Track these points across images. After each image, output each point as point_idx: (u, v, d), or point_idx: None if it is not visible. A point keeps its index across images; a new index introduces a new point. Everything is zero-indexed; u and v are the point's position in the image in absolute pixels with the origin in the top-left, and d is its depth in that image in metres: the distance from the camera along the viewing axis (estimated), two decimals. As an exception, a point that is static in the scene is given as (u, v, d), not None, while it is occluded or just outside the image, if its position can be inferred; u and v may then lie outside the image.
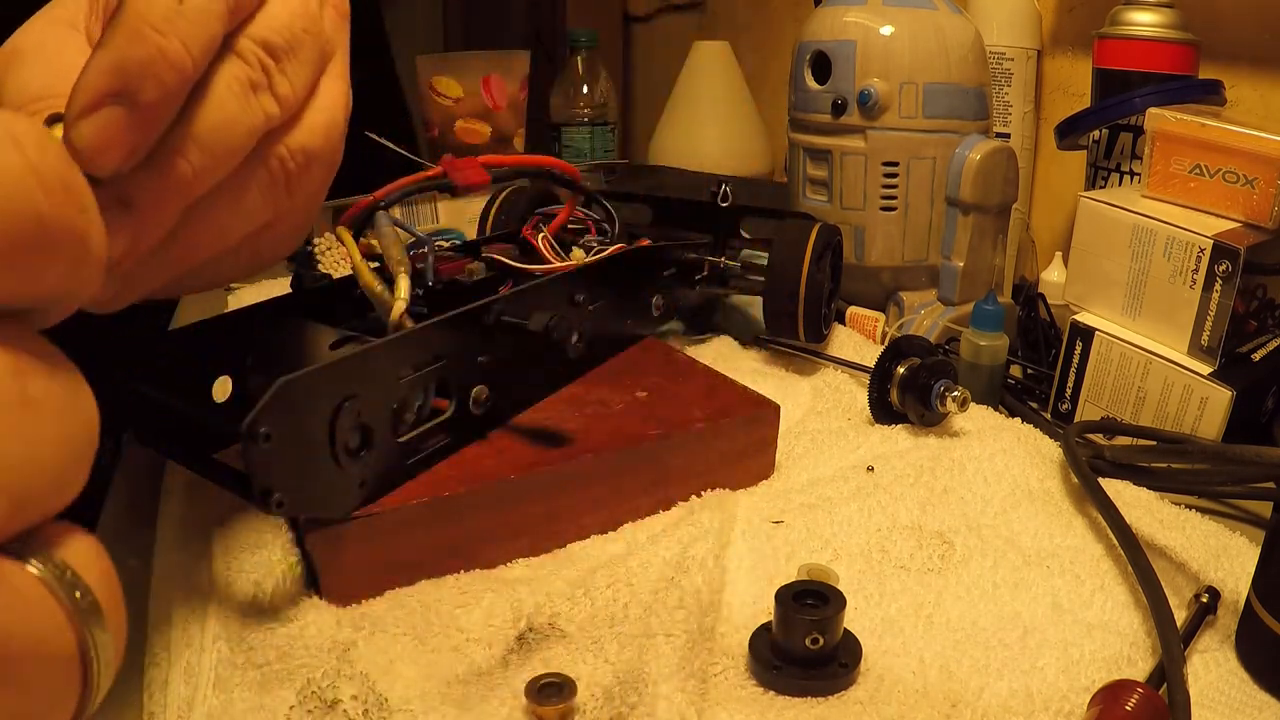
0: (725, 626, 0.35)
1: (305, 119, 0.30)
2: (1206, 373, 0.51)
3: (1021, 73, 0.83)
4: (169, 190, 0.26)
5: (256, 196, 0.30)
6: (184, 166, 0.26)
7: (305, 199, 0.32)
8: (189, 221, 0.27)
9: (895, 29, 0.63)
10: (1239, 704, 0.33)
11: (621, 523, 0.43)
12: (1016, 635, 0.36)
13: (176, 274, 0.29)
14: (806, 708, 0.32)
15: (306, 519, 0.35)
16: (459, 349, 0.40)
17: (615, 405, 0.46)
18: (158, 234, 0.26)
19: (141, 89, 0.23)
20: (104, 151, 0.23)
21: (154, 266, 0.28)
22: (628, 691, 0.32)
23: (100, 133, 0.23)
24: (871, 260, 0.68)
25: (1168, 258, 0.52)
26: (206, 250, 0.29)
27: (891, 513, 0.44)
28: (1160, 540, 0.43)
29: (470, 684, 0.33)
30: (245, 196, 0.29)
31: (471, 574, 0.39)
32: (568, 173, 0.55)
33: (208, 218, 0.28)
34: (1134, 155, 0.68)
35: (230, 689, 0.32)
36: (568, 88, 1.18)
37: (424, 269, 0.48)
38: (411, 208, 0.82)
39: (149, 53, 0.23)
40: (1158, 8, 0.67)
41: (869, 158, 0.65)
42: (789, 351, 0.62)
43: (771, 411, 0.47)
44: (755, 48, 1.28)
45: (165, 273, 0.28)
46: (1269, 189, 0.49)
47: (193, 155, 0.26)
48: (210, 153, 0.26)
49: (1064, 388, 0.58)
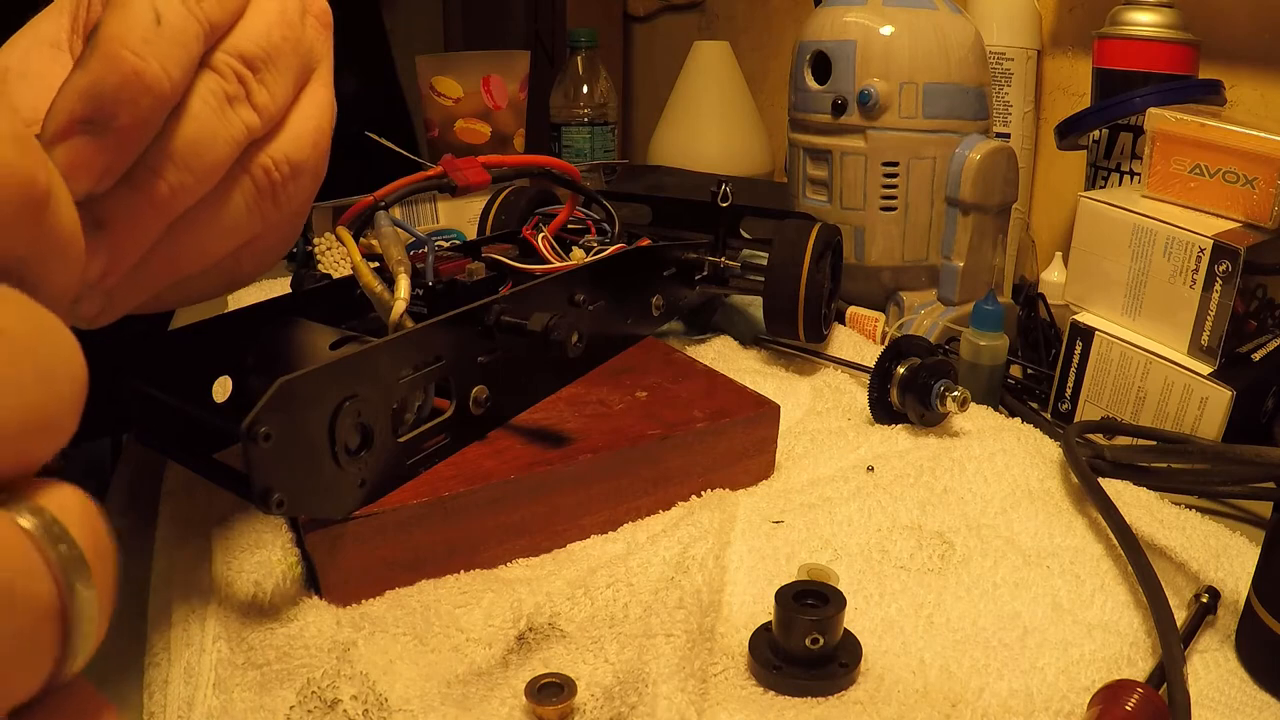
0: (725, 626, 0.35)
1: (289, 128, 0.30)
2: (1206, 373, 0.51)
3: (1021, 73, 0.83)
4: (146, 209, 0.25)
5: (242, 209, 0.29)
6: (161, 185, 0.25)
7: (292, 211, 0.32)
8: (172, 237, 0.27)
9: (895, 29, 0.63)
10: (1239, 704, 0.33)
11: (621, 523, 0.43)
12: (1016, 635, 0.36)
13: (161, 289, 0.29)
14: (806, 708, 0.32)
15: (306, 519, 0.35)
16: (459, 349, 0.40)
17: (615, 405, 0.46)
18: (137, 252, 0.26)
19: (116, 114, 0.23)
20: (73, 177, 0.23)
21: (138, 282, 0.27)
22: (628, 691, 0.32)
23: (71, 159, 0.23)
24: (871, 260, 0.68)
25: (1168, 258, 0.52)
26: (192, 265, 0.29)
27: (891, 513, 0.44)
28: (1160, 540, 0.43)
29: (470, 684, 0.33)
30: (230, 210, 0.29)
31: (471, 574, 0.39)
32: (568, 173, 0.55)
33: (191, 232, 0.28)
34: (1134, 155, 0.68)
35: (230, 689, 0.32)
36: (568, 88, 1.18)
37: (424, 269, 0.48)
38: (411, 208, 0.82)
39: (124, 77, 0.23)
40: (1158, 8, 0.67)
41: (869, 158, 0.65)
42: (789, 351, 0.62)
43: (771, 411, 0.47)
44: (755, 48, 1.28)
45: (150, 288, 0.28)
46: (1269, 189, 0.49)
47: (169, 173, 0.26)
48: (188, 169, 0.26)
49: (1064, 388, 0.58)
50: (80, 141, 0.23)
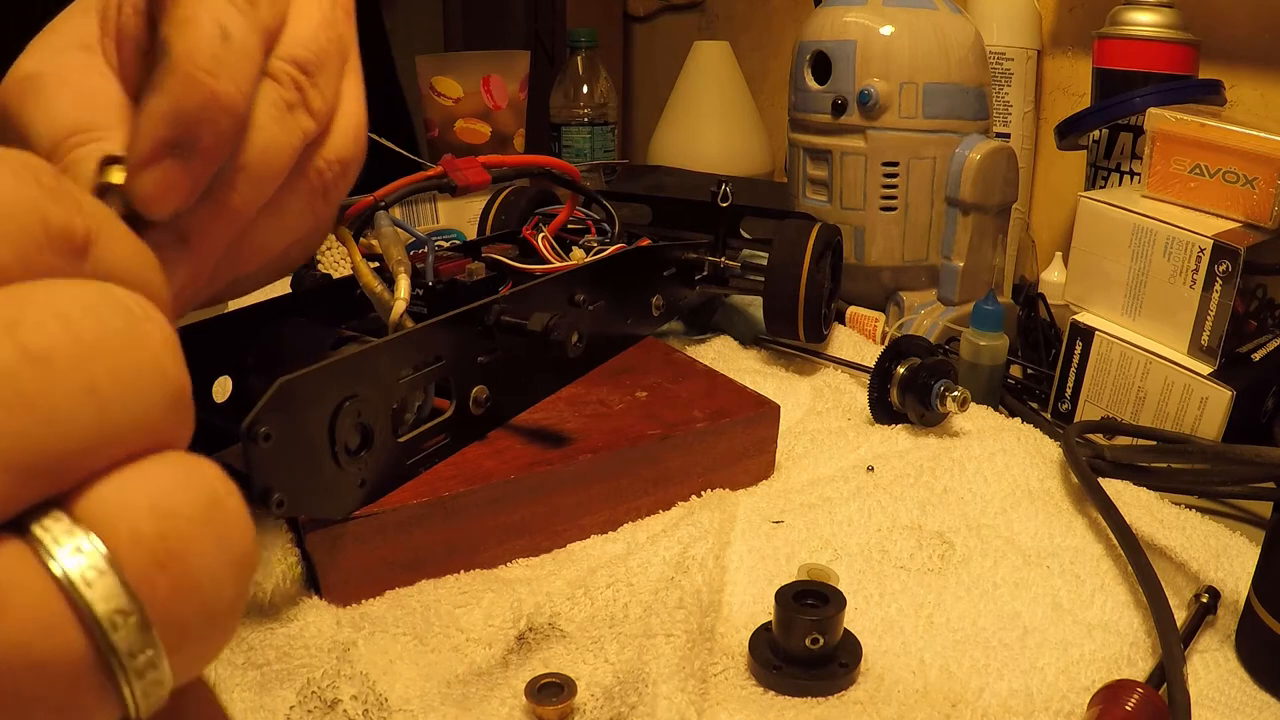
0: (725, 626, 0.35)
1: (336, 127, 0.30)
2: (1206, 373, 0.51)
3: (1021, 73, 0.83)
4: (223, 220, 0.26)
5: (298, 209, 0.30)
6: (235, 197, 0.26)
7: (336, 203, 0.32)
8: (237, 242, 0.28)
9: (895, 29, 0.63)
10: (1239, 704, 0.33)
11: (621, 523, 0.43)
12: (1016, 635, 0.36)
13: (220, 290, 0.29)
14: (806, 708, 0.32)
15: (306, 519, 0.35)
16: (459, 349, 0.40)
17: (615, 405, 0.46)
18: (212, 262, 0.27)
19: (200, 136, 0.24)
20: (165, 199, 0.23)
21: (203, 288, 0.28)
22: (628, 691, 0.32)
23: (162, 182, 0.23)
24: (871, 260, 0.68)
25: (1168, 258, 0.52)
26: (251, 265, 0.29)
27: (891, 513, 0.44)
28: (1160, 540, 0.43)
29: (470, 684, 0.33)
30: (288, 211, 0.29)
31: (471, 574, 0.39)
32: (568, 173, 0.55)
33: (253, 236, 0.28)
34: (1134, 155, 0.68)
35: (230, 689, 0.32)
36: (568, 88, 1.18)
37: (424, 269, 0.48)
38: (411, 208, 0.82)
39: (204, 98, 0.23)
40: (1158, 8, 0.67)
41: (869, 158, 0.65)
42: (789, 351, 0.62)
43: (771, 411, 0.47)
44: (755, 48, 1.28)
45: (213, 289, 0.29)
46: (1269, 189, 0.49)
47: (241, 185, 0.26)
48: (258, 180, 0.26)
49: (1064, 388, 0.58)
50: (168, 165, 0.23)
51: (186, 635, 0.13)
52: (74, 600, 0.12)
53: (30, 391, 0.12)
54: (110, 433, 0.13)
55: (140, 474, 0.13)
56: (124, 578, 0.12)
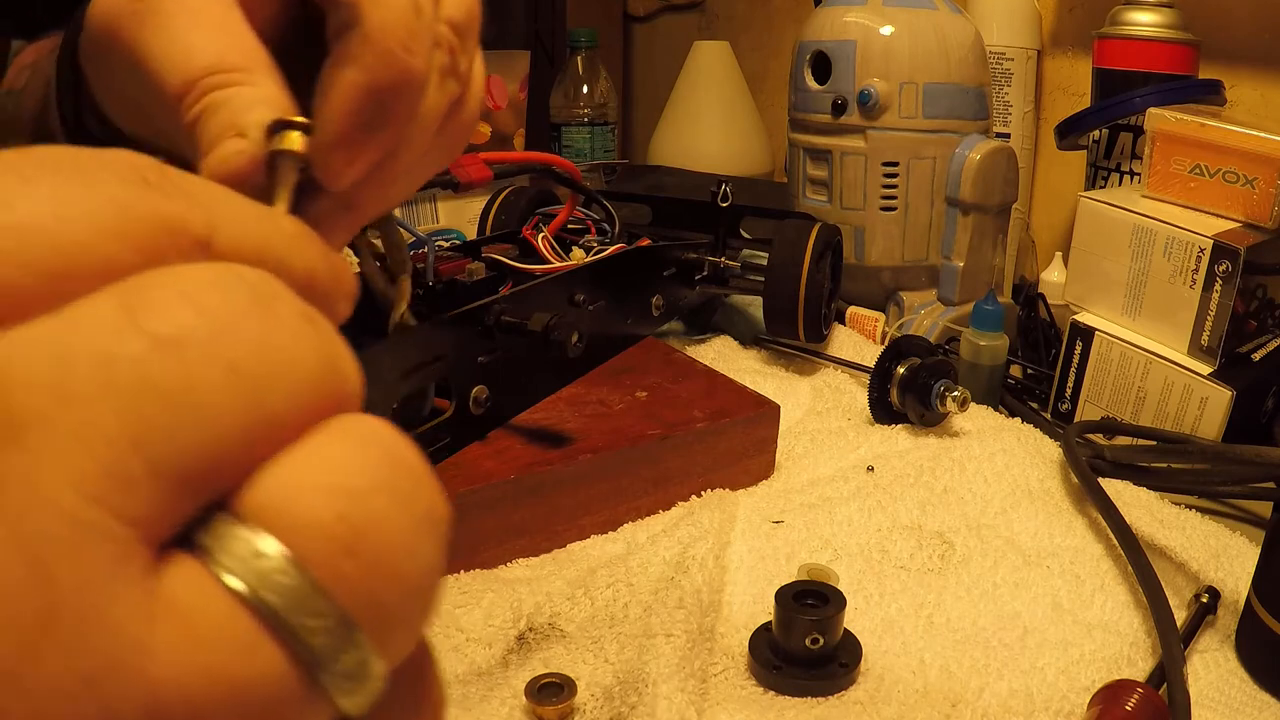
0: (725, 626, 0.35)
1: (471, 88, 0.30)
2: (1206, 373, 0.51)
3: (1021, 73, 0.83)
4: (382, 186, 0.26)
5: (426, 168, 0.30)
6: (399, 164, 0.26)
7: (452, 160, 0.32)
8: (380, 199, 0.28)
9: (895, 29, 0.63)
10: (1239, 704, 0.33)
11: (621, 523, 0.43)
12: (1016, 635, 0.36)
13: None
14: (806, 708, 0.32)
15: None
16: (459, 349, 0.40)
17: (615, 405, 0.46)
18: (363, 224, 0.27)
19: (394, 110, 0.23)
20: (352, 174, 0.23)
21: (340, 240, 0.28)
22: (628, 691, 0.32)
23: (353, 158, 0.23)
24: (871, 260, 0.67)
25: (1168, 258, 0.52)
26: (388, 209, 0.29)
27: (891, 513, 0.44)
28: (1160, 540, 0.43)
29: (470, 684, 0.33)
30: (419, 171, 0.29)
31: (471, 574, 0.39)
32: (569, 170, 0.55)
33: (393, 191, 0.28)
34: (1134, 155, 0.68)
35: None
36: (568, 88, 1.18)
37: (424, 269, 0.48)
38: (411, 207, 0.82)
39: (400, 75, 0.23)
40: (1158, 8, 0.67)
41: (869, 158, 0.65)
42: (789, 351, 0.62)
43: (771, 411, 0.47)
44: (755, 48, 1.28)
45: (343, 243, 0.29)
46: (1269, 189, 0.49)
47: (405, 152, 0.26)
48: (419, 144, 0.26)
49: (1064, 388, 0.58)
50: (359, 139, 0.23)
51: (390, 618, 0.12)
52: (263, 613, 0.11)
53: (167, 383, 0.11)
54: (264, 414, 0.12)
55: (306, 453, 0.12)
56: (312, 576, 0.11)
